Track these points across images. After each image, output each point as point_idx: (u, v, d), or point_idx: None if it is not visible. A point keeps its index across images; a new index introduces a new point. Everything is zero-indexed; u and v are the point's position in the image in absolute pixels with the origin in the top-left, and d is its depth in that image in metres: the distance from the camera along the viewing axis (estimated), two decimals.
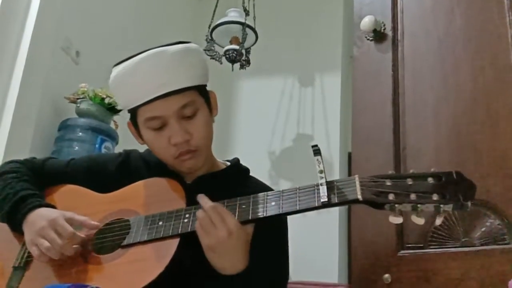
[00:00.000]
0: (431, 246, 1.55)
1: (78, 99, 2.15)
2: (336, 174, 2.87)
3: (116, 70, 1.17)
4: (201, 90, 1.20)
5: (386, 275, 1.60)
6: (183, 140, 1.14)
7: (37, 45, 2.07)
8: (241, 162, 1.35)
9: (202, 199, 1.06)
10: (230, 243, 1.00)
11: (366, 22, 1.84)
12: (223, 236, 0.99)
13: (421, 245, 1.57)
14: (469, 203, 0.89)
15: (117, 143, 2.21)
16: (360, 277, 1.68)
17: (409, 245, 1.60)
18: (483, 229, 1.49)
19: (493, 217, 1.48)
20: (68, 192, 1.28)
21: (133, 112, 1.19)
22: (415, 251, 1.58)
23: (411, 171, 0.95)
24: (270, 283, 1.12)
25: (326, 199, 0.98)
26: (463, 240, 1.50)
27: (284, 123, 3.14)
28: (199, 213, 1.03)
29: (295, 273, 1.23)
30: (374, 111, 1.81)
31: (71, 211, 1.18)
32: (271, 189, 1.26)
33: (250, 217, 1.03)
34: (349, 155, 2.79)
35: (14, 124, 1.94)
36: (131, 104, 1.17)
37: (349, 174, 2.92)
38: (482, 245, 1.48)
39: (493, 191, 1.47)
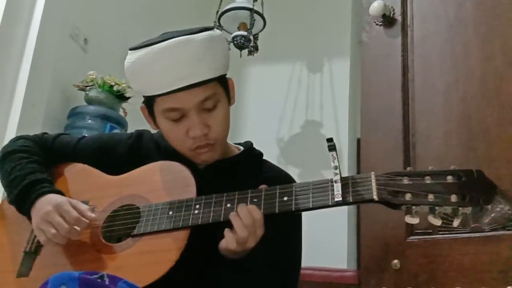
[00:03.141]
0: (440, 232, 1.55)
1: (87, 86, 2.15)
2: (345, 160, 2.87)
3: (135, 55, 1.11)
4: (222, 80, 1.17)
5: (395, 261, 1.60)
6: (202, 134, 1.11)
7: (46, 33, 2.08)
8: None
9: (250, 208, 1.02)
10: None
11: (375, 7, 1.82)
12: (250, 246, 1.01)
13: (430, 231, 1.57)
14: (489, 206, 0.87)
15: (126, 130, 2.22)
16: (369, 263, 1.69)
17: (418, 231, 1.60)
18: (492, 215, 1.48)
19: (503, 202, 1.47)
20: (77, 173, 1.27)
21: (150, 99, 1.15)
22: (424, 237, 1.58)
23: (430, 168, 0.92)
24: (278, 272, 1.11)
25: (341, 199, 0.97)
26: (472, 226, 1.50)
27: (293, 109, 3.12)
28: (240, 227, 1.01)
29: (304, 259, 1.23)
30: (383, 96, 1.80)
31: (80, 193, 1.18)
32: (285, 174, 1.26)
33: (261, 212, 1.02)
34: (358, 141, 2.78)
35: (24, 112, 1.96)
36: (149, 91, 1.13)
37: (358, 160, 2.91)
38: (491, 231, 1.47)
39: (503, 176, 1.46)
